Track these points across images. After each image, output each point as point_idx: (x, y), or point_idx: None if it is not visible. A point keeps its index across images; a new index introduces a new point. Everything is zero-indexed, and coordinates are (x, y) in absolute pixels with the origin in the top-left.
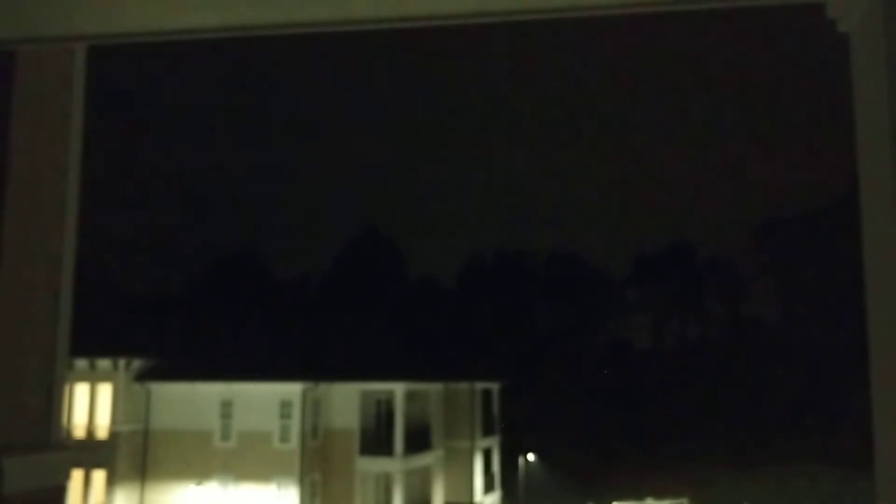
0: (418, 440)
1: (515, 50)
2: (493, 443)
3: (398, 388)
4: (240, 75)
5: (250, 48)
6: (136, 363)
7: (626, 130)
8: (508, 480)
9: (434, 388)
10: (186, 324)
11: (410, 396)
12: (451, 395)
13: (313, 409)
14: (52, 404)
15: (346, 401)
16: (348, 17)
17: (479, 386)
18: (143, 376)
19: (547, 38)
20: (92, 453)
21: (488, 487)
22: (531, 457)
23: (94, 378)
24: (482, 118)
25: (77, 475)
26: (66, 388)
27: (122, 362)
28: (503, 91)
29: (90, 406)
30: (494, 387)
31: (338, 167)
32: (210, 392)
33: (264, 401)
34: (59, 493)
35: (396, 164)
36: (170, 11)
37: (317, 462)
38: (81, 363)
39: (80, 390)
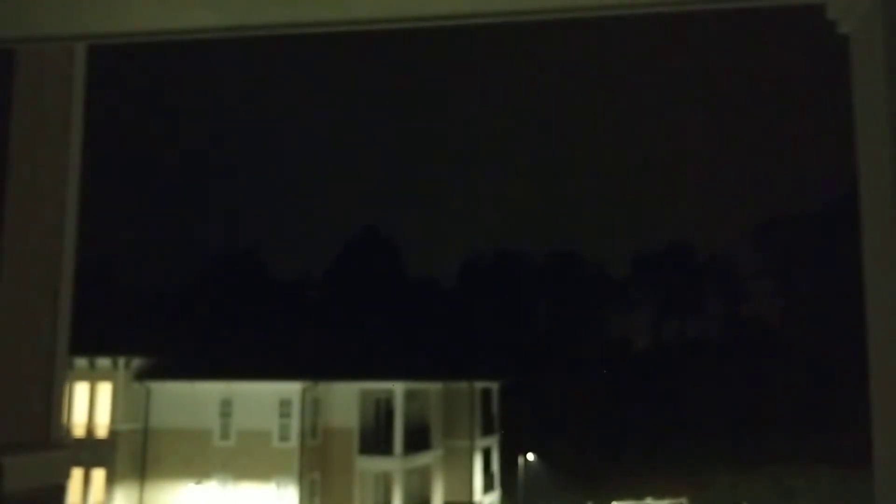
0: (418, 439)
1: (515, 48)
2: (493, 442)
3: (398, 388)
4: (241, 74)
5: (251, 47)
6: (136, 362)
7: (627, 130)
8: (508, 480)
9: (433, 387)
10: (186, 323)
11: (410, 396)
12: (450, 395)
13: (313, 409)
14: (51, 403)
15: (345, 400)
16: (348, 17)
17: (479, 385)
18: (143, 375)
19: (547, 38)
20: (92, 452)
21: (488, 487)
22: (531, 456)
23: (93, 377)
24: (482, 117)
25: (77, 474)
26: (66, 386)
27: (121, 361)
28: (503, 90)
29: (90, 405)
30: (494, 386)
31: (338, 167)
32: (209, 391)
33: (264, 400)
34: (59, 491)
35: (397, 164)
36: (170, 11)
37: (316, 461)
38: (81, 362)
39: (80, 389)
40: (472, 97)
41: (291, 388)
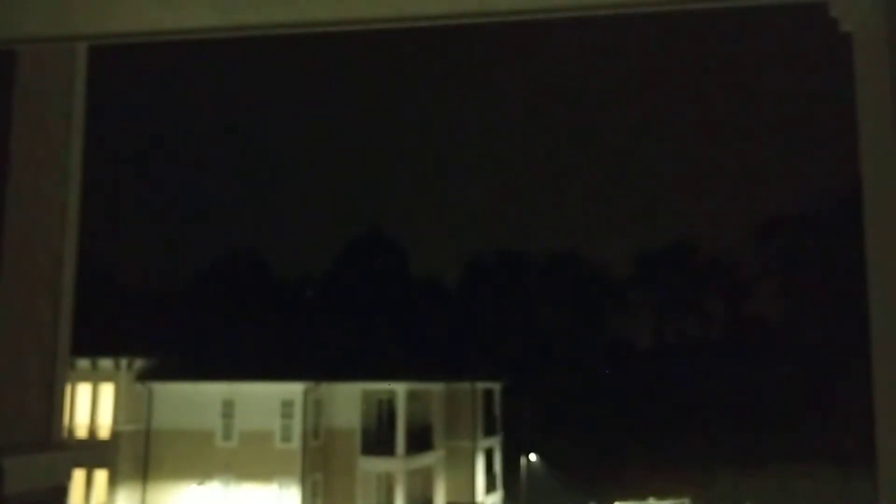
0: (420, 440)
1: (516, 48)
2: (495, 443)
3: (400, 388)
4: (242, 73)
5: (251, 46)
6: (138, 363)
7: (627, 130)
8: (510, 480)
9: (436, 387)
10: (188, 323)
11: (412, 396)
12: (452, 395)
13: (315, 409)
14: (53, 404)
15: (347, 400)
16: (348, 17)
17: (481, 386)
18: (145, 376)
19: (547, 38)
20: (93, 453)
21: (490, 487)
22: (533, 457)
23: (95, 378)
24: (484, 118)
25: (79, 475)
26: (68, 387)
27: (123, 362)
28: (505, 90)
29: (92, 406)
30: (496, 387)
31: (340, 167)
32: (212, 392)
33: (266, 400)
34: (61, 492)
35: (399, 164)
36: (170, 11)
37: (318, 462)
38: (83, 363)
39: (82, 390)
40: (474, 96)
41: (293, 389)
